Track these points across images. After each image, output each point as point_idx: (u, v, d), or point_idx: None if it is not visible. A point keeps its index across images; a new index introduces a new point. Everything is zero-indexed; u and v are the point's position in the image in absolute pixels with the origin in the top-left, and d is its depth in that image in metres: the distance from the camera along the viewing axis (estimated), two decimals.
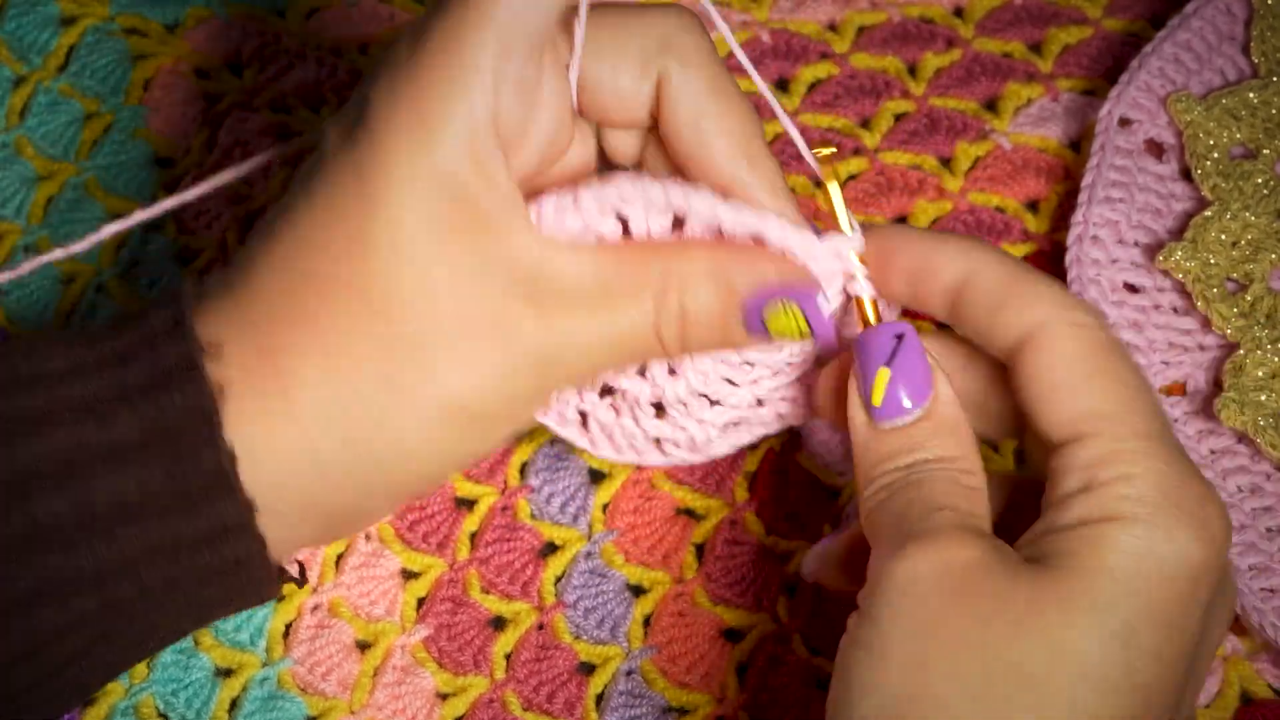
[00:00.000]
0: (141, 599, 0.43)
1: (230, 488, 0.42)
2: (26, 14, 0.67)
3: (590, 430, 0.49)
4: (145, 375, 0.43)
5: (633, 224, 0.45)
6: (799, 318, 0.45)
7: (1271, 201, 0.58)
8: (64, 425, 0.42)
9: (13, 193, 0.64)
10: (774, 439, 0.57)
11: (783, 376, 0.48)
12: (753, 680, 0.54)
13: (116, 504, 0.42)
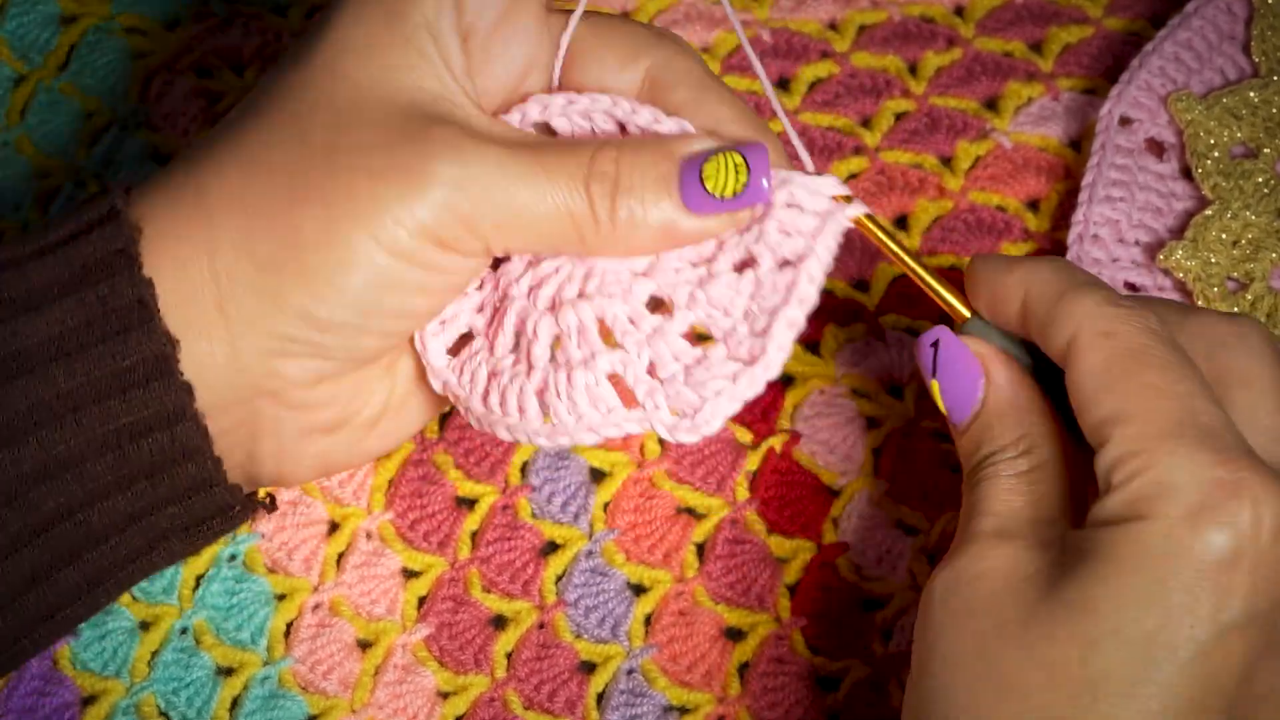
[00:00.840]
0: (90, 500, 0.43)
1: (149, 319, 0.43)
2: (27, 13, 0.67)
3: (474, 384, 0.47)
4: (66, 231, 0.44)
5: (577, 129, 0.46)
6: (740, 166, 0.44)
7: (1272, 200, 0.58)
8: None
9: (13, 191, 0.64)
10: (775, 438, 0.57)
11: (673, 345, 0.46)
12: (753, 679, 0.54)
13: (38, 343, 0.43)
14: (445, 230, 0.44)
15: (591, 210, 0.44)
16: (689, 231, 0.45)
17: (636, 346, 0.46)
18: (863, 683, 0.54)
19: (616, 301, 0.46)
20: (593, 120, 0.48)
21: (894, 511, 0.56)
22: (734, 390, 0.45)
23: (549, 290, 0.47)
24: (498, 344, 0.48)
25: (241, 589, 0.55)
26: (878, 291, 0.61)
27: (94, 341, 0.43)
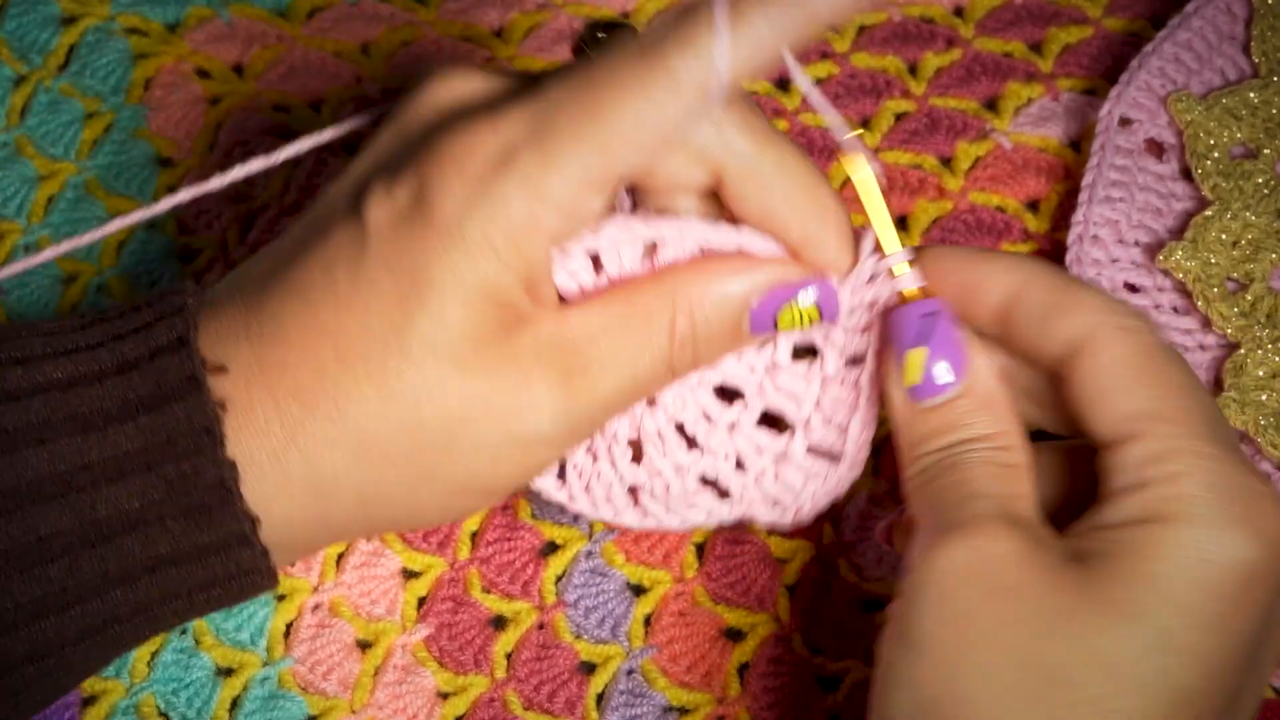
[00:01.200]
0: (141, 610, 0.43)
1: (231, 501, 0.42)
2: (27, 13, 0.67)
3: (568, 480, 0.47)
4: (148, 389, 0.43)
5: (605, 259, 0.44)
6: (811, 315, 0.44)
7: (1272, 201, 0.58)
8: (65, 436, 0.42)
9: (13, 192, 0.64)
10: None
11: (761, 435, 0.47)
12: (753, 680, 0.54)
13: (118, 515, 0.42)
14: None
15: (673, 372, 0.44)
16: (754, 343, 0.46)
17: (721, 446, 0.46)
18: (863, 683, 0.54)
19: (689, 405, 0.46)
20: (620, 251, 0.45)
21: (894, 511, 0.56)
22: (828, 487, 0.47)
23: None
24: (581, 453, 0.47)
25: None
26: None
27: (174, 516, 0.42)
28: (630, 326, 0.44)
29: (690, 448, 0.47)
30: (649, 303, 0.45)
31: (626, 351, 0.44)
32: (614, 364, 0.44)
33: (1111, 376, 0.42)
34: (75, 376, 0.43)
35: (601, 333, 0.44)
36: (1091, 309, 0.43)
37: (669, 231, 0.44)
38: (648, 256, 0.45)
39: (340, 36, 0.67)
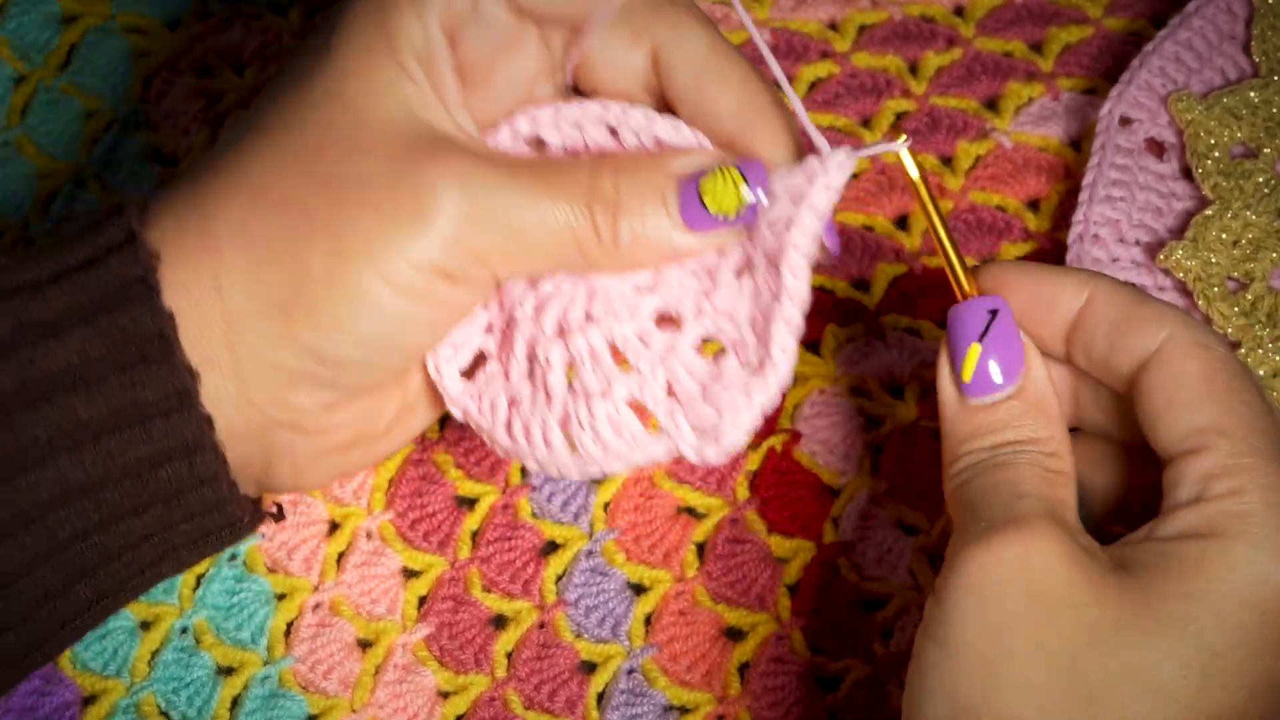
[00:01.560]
0: (90, 491, 0.43)
1: (171, 352, 0.43)
2: (28, 12, 0.67)
3: (496, 413, 0.47)
4: (84, 252, 0.44)
5: (546, 138, 0.46)
6: (738, 183, 0.44)
7: (1272, 200, 0.58)
8: (2, 302, 0.42)
9: (14, 191, 0.64)
10: (775, 437, 0.57)
11: (691, 366, 0.46)
12: (754, 679, 0.54)
13: (57, 373, 0.42)
14: (453, 264, 0.44)
15: (595, 230, 0.44)
16: (689, 248, 0.45)
17: (650, 367, 0.46)
18: (863, 683, 0.54)
19: (624, 321, 0.46)
20: (583, 129, 0.47)
21: (894, 511, 0.56)
22: (749, 402, 0.45)
23: (554, 312, 0.46)
24: (511, 369, 0.47)
25: (242, 589, 0.55)
26: (878, 291, 0.61)
27: (114, 371, 0.43)
28: (550, 177, 0.44)
29: (620, 366, 0.46)
30: (573, 162, 0.45)
31: (546, 173, 0.44)
32: (530, 173, 0.44)
33: (1181, 390, 0.42)
34: (16, 260, 0.44)
35: (525, 156, 0.45)
36: (1166, 323, 0.43)
37: (608, 114, 0.45)
38: (614, 139, 0.46)
39: None
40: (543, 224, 0.44)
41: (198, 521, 0.46)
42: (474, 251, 0.44)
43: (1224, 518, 0.40)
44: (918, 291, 0.60)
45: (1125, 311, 0.43)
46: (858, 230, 0.62)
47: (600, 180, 0.44)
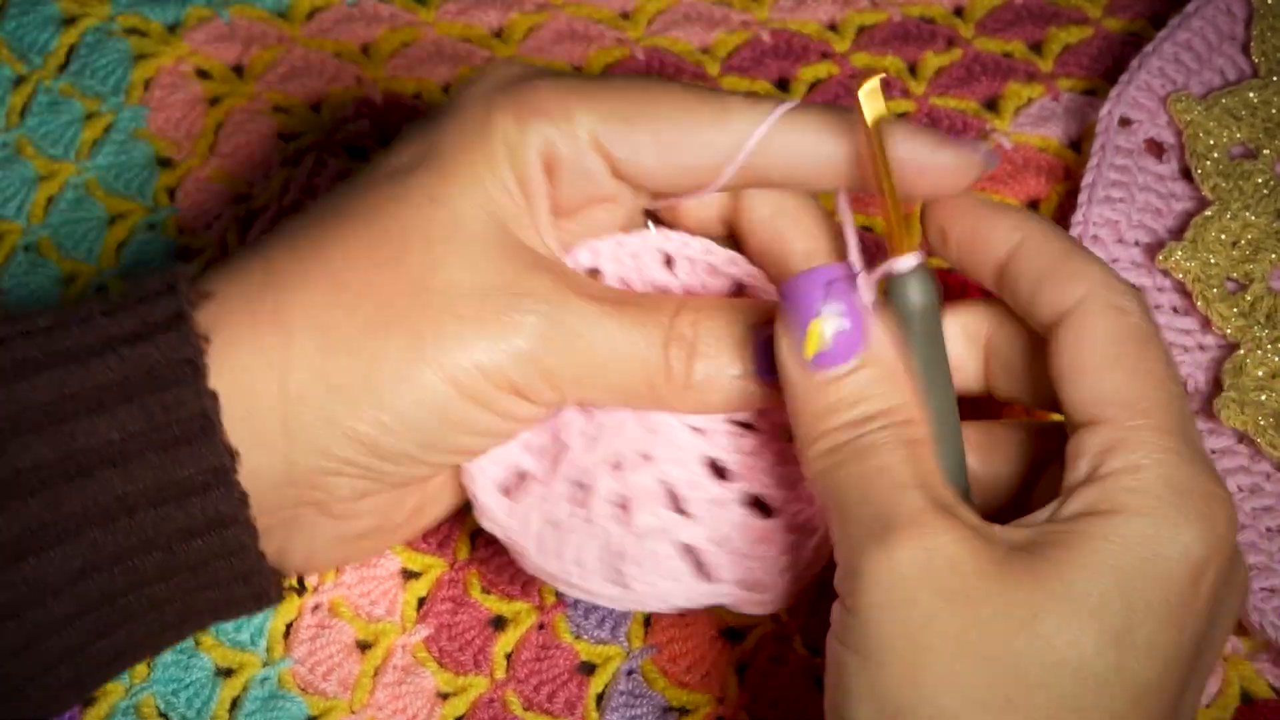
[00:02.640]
0: (120, 558, 0.43)
1: (211, 432, 0.43)
2: (27, 13, 0.67)
3: (539, 536, 0.47)
4: (132, 326, 0.43)
5: (624, 270, 0.48)
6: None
7: (1271, 201, 0.58)
8: (47, 370, 0.42)
9: (13, 192, 0.64)
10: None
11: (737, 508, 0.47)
12: (753, 680, 0.54)
13: (97, 448, 0.42)
14: (523, 380, 0.44)
15: (667, 369, 0.45)
16: (759, 399, 0.46)
17: (703, 515, 0.46)
18: None
19: (678, 465, 0.47)
20: (640, 260, 0.48)
21: None
22: (803, 565, 0.46)
23: (608, 445, 0.47)
24: (556, 494, 0.48)
25: None
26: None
27: (154, 449, 0.43)
28: (632, 312, 0.45)
29: (675, 510, 0.47)
30: (655, 300, 0.46)
31: (627, 308, 0.45)
32: (613, 307, 0.45)
33: (1089, 354, 0.42)
34: (61, 320, 0.43)
35: (609, 287, 0.45)
36: (1087, 280, 0.42)
37: (667, 245, 0.47)
38: (666, 269, 0.47)
39: (340, 37, 0.67)
40: (618, 356, 0.45)
41: (223, 590, 0.46)
42: (547, 372, 0.44)
43: (1121, 493, 0.40)
44: None
45: (1051, 262, 0.43)
46: (857, 230, 0.62)
47: (681, 320, 0.45)
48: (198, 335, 0.43)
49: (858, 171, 0.46)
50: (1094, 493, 0.40)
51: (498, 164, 0.45)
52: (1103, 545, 0.39)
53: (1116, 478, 0.40)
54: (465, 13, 0.68)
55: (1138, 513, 0.40)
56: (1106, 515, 0.40)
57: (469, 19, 0.68)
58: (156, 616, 0.46)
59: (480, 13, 0.68)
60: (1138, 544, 0.39)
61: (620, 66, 0.66)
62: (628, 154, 0.46)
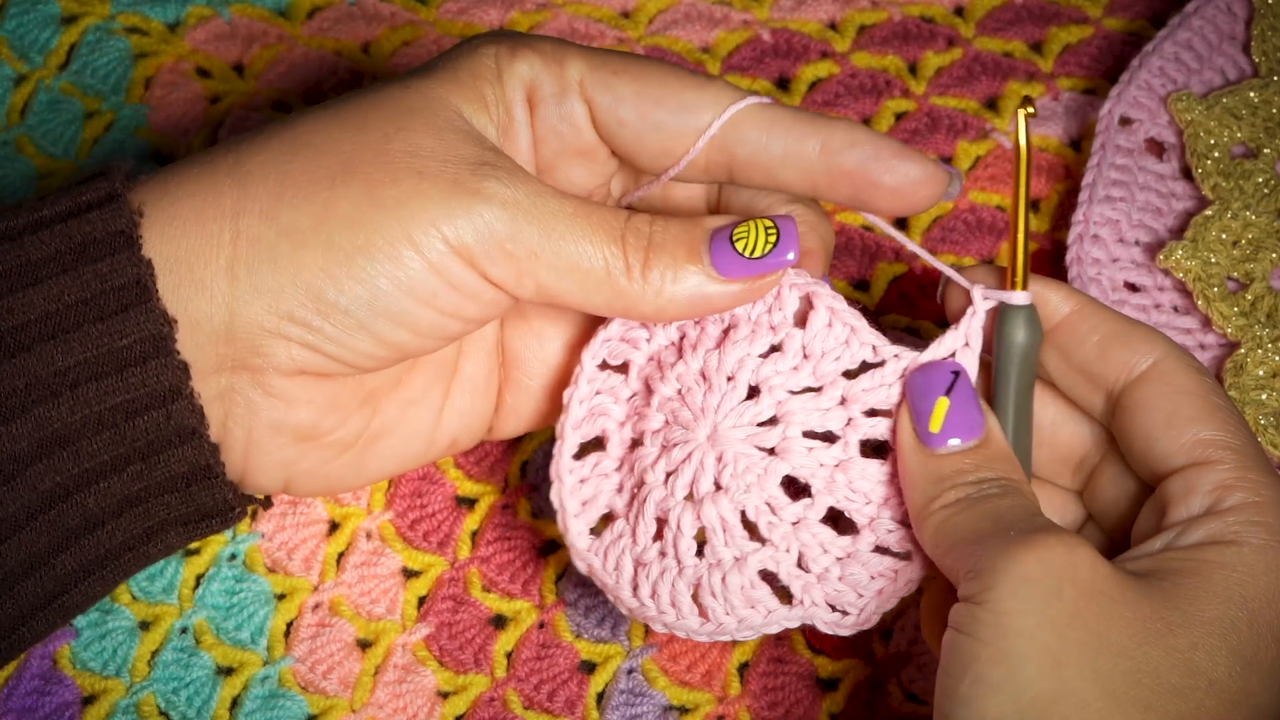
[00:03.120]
0: (67, 441, 0.43)
1: (147, 299, 0.43)
2: (27, 12, 0.67)
3: (638, 585, 0.48)
4: (66, 206, 0.44)
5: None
6: (768, 227, 0.46)
7: (1272, 201, 0.58)
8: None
9: (13, 191, 0.64)
10: None
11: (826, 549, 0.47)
12: (753, 679, 0.54)
13: (36, 321, 0.43)
14: (484, 254, 0.44)
15: (625, 262, 0.45)
16: (717, 295, 0.46)
17: (782, 540, 0.46)
18: (863, 683, 0.54)
19: (754, 492, 0.46)
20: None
21: None
22: (895, 587, 0.46)
23: (685, 478, 0.47)
24: (639, 531, 0.48)
25: (241, 589, 0.55)
26: (877, 291, 0.61)
27: (92, 319, 0.43)
28: (593, 209, 0.46)
29: (752, 538, 0.47)
30: (614, 208, 0.47)
31: (581, 216, 0.45)
32: (570, 196, 0.46)
33: (1183, 405, 0.45)
34: (6, 220, 0.44)
35: (567, 196, 0.46)
36: (1159, 343, 0.46)
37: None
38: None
39: (340, 36, 0.67)
40: (577, 244, 0.45)
41: (182, 494, 0.46)
42: (504, 245, 0.44)
43: (1245, 527, 0.42)
44: (917, 291, 0.60)
45: (1117, 326, 0.46)
46: (858, 230, 0.62)
47: (637, 219, 0.46)
48: (130, 208, 0.44)
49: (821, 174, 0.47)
50: (1216, 525, 0.43)
51: (482, 80, 0.46)
52: (1231, 575, 0.42)
53: (1239, 513, 0.43)
54: (465, 12, 0.68)
55: (1264, 549, 0.42)
56: (1232, 546, 0.42)
57: (469, 18, 0.68)
58: (118, 525, 0.46)
59: (480, 11, 0.68)
60: (1263, 574, 0.42)
61: None
62: (609, 101, 0.47)
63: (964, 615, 0.41)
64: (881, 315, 0.60)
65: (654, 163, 0.48)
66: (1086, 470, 0.49)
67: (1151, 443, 0.45)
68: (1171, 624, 0.41)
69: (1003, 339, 0.46)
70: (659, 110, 0.47)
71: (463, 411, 0.51)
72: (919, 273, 0.61)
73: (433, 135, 0.45)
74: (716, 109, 0.47)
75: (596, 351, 0.49)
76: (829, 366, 0.47)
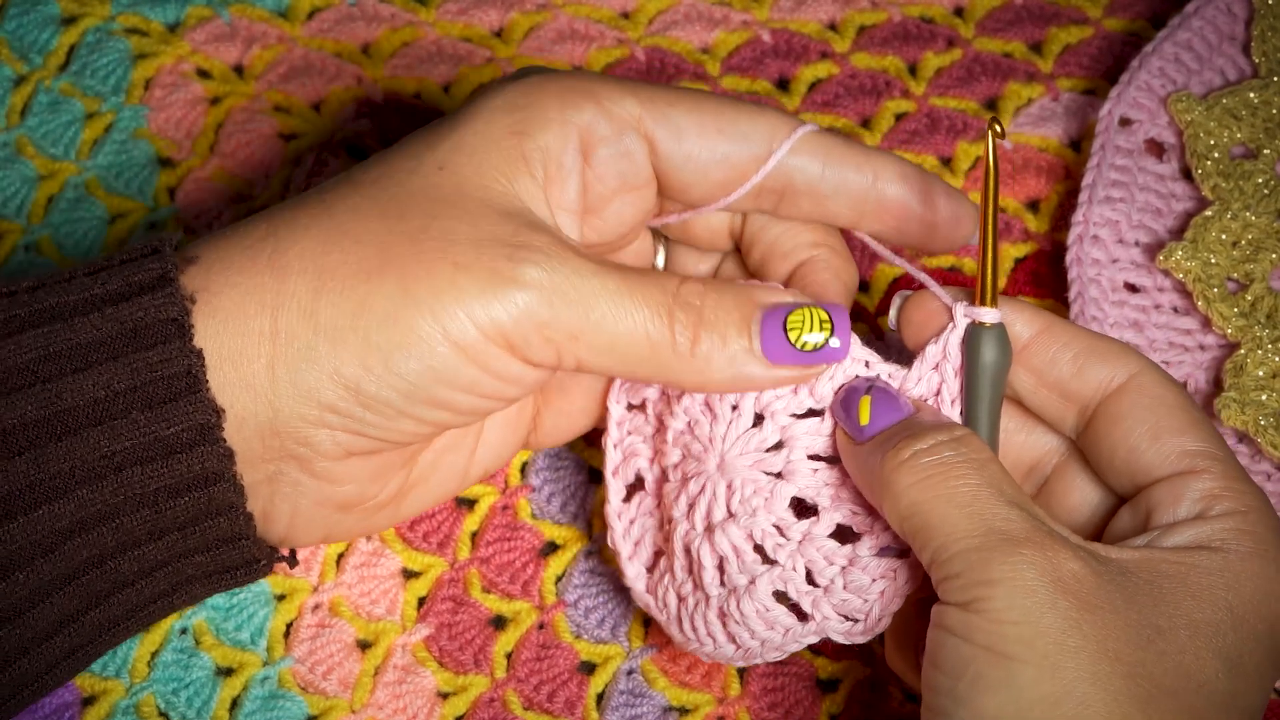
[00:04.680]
0: (108, 518, 0.43)
1: (196, 389, 0.43)
2: (27, 13, 0.67)
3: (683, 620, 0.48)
4: (117, 286, 0.44)
5: None
6: (824, 320, 0.46)
7: (1272, 201, 0.58)
8: (31, 329, 0.43)
9: (14, 192, 0.64)
10: None
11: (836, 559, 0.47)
12: (753, 680, 0.54)
13: (84, 406, 0.43)
14: (518, 335, 0.44)
15: (671, 337, 0.45)
16: (761, 378, 0.46)
17: (790, 559, 0.47)
18: (863, 683, 0.54)
19: (761, 515, 0.47)
20: None
21: None
22: (897, 587, 0.47)
23: (701, 511, 0.48)
24: (676, 566, 0.49)
25: (241, 589, 0.55)
26: (877, 292, 0.61)
27: (140, 407, 0.43)
28: (634, 275, 0.46)
29: (764, 561, 0.47)
30: (661, 274, 0.47)
31: (624, 290, 0.45)
32: (614, 268, 0.45)
33: (1165, 416, 0.45)
34: (45, 281, 0.44)
35: (609, 267, 0.45)
36: (1133, 357, 0.46)
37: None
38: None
39: (340, 37, 0.67)
40: (620, 320, 0.45)
41: (213, 555, 0.46)
42: (542, 326, 0.44)
43: (1231, 535, 0.43)
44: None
45: (1090, 342, 0.47)
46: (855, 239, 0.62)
47: (687, 292, 0.46)
48: (183, 295, 0.44)
49: (870, 205, 0.48)
50: (1203, 531, 0.43)
51: (527, 149, 0.46)
52: (1218, 580, 0.42)
53: (1226, 520, 0.43)
54: (466, 12, 0.68)
55: (1251, 555, 0.43)
56: (1219, 553, 0.43)
57: (469, 19, 0.68)
58: (148, 583, 0.46)
59: (481, 12, 0.68)
60: (1248, 581, 0.43)
61: (620, 66, 0.66)
62: (670, 135, 0.47)
63: (957, 620, 0.42)
64: (881, 315, 0.60)
65: (709, 195, 0.48)
66: (1038, 479, 0.49)
67: (1135, 453, 0.45)
68: (1161, 628, 0.41)
69: (976, 358, 0.46)
70: (722, 141, 0.47)
71: (494, 444, 0.51)
72: None
73: (465, 220, 0.44)
74: (772, 136, 0.47)
75: (619, 395, 0.50)
76: (825, 387, 0.47)
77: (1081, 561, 0.42)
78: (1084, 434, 0.47)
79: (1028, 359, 0.47)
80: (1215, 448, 0.45)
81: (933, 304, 0.47)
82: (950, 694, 0.41)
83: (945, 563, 0.42)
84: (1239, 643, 0.42)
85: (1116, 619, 0.41)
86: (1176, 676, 0.41)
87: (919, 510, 0.43)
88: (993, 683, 0.41)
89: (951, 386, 0.47)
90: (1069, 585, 0.41)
